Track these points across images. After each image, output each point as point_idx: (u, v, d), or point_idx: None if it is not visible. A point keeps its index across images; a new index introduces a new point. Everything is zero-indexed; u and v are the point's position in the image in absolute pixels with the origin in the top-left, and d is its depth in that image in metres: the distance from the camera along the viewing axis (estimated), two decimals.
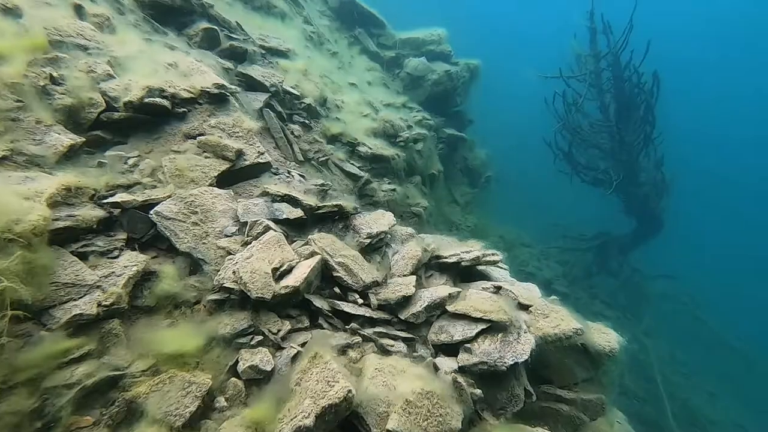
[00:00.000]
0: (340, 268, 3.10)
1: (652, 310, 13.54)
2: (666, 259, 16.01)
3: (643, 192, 13.89)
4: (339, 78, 9.05)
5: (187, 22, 5.80)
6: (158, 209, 2.98)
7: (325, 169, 6.43)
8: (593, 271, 15.97)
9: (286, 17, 9.67)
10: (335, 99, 8.05)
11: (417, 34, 13.17)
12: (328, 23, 12.44)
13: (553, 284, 14.37)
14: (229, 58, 6.08)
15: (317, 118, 7.08)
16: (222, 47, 6.01)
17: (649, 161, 14.01)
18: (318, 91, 7.41)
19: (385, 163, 7.29)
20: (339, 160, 6.75)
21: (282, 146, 6.00)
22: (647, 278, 14.61)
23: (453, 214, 12.45)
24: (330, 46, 10.76)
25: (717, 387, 12.14)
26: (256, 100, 5.95)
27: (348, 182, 6.63)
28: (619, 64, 13.46)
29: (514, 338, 2.75)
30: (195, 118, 3.86)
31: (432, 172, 9.73)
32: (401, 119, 8.52)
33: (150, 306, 2.53)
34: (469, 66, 13.63)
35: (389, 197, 6.82)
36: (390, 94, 10.85)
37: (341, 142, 7.21)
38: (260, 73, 6.34)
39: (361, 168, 7.00)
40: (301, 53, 8.49)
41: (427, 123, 9.79)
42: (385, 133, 7.91)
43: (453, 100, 13.39)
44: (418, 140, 8.70)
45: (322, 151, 6.48)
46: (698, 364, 12.66)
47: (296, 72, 7.37)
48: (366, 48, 12.61)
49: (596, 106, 15.15)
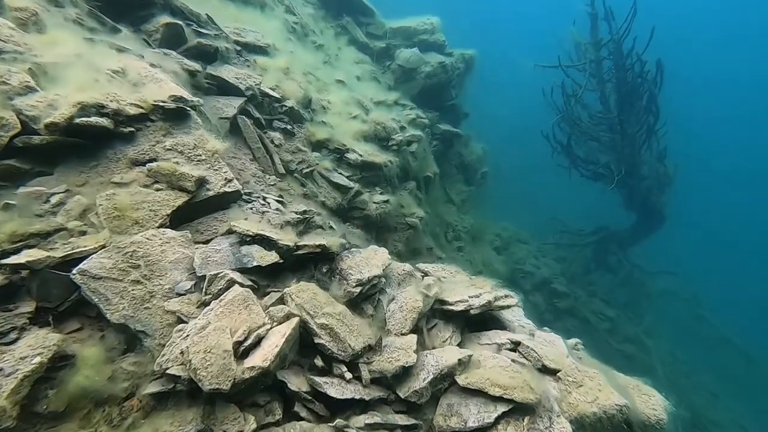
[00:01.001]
0: (323, 333, 2.49)
1: (653, 308, 13.25)
2: (667, 254, 15.71)
3: (645, 186, 13.43)
4: (325, 74, 8.27)
5: (146, 17, 5.00)
6: (84, 267, 2.32)
7: (309, 181, 5.76)
8: (592, 267, 15.62)
9: (266, 7, 8.80)
10: (321, 99, 7.31)
11: (409, 23, 12.33)
12: (313, 11, 11.54)
13: (552, 283, 13.98)
14: (197, 58, 5.31)
15: (301, 123, 6.36)
16: (188, 45, 5.22)
17: (651, 154, 13.51)
18: (301, 91, 6.67)
19: (376, 170, 6.63)
20: (325, 170, 6.08)
21: (260, 158, 5.31)
22: (648, 274, 14.29)
23: (449, 215, 11.87)
24: (315, 37, 9.92)
25: (718, 386, 11.97)
26: (228, 106, 5.22)
27: (336, 195, 5.97)
28: (621, 52, 12.80)
29: (545, 425, 2.19)
30: (146, 140, 3.16)
31: (427, 175, 9.09)
32: (393, 120, 7.82)
33: (57, 411, 1.89)
34: (464, 56, 12.86)
35: (382, 210, 6.19)
36: (381, 89, 10.09)
37: (328, 149, 6.51)
38: (234, 74, 5.58)
39: (351, 177, 6.34)
40: (282, 48, 7.69)
41: (422, 122, 9.10)
42: (377, 137, 7.22)
43: (448, 94, 12.67)
44: (412, 142, 8.03)
45: (306, 162, 5.79)
46: (699, 363, 12.46)
47: (276, 71, 6.60)
48: (354, 38, 11.76)
49: (596, 97, 14.55)
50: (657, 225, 14.41)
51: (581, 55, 14.68)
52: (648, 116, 12.76)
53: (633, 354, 11.39)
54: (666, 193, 13.59)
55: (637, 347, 11.81)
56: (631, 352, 11.51)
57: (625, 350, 11.64)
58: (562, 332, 12.83)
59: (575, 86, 14.24)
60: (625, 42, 12.87)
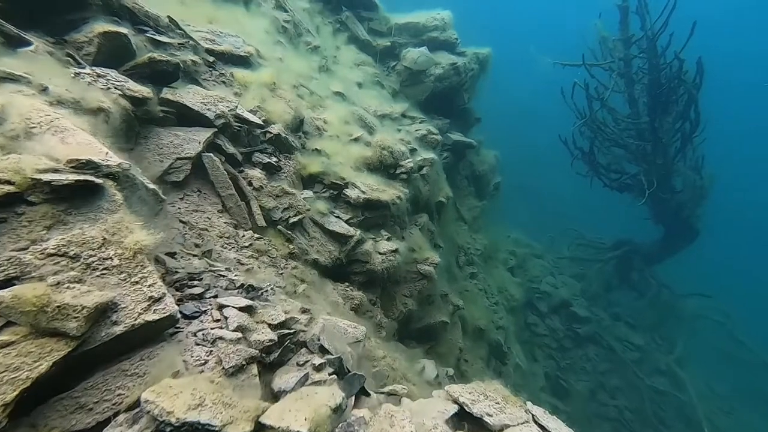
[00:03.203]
0: None
1: (685, 333, 12.08)
2: (698, 272, 14.44)
3: (678, 200, 12.13)
4: (320, 85, 7.00)
5: (75, 22, 3.74)
6: None
7: (298, 233, 4.56)
8: (614, 284, 14.44)
9: (250, 2, 7.49)
10: (315, 118, 6.07)
11: (416, 18, 10.94)
12: (308, 5, 10.18)
13: (571, 305, 12.83)
14: (150, 78, 4.07)
15: (289, 153, 5.14)
16: (137, 61, 3.97)
17: (685, 164, 12.18)
18: (290, 111, 5.42)
19: (382, 210, 5.42)
20: (319, 215, 4.87)
21: (233, 208, 4.11)
22: (678, 296, 13.08)
23: (460, 236, 10.67)
24: (309, 37, 8.60)
25: (763, 424, 10.85)
26: (191, 141, 4.01)
27: (332, 246, 4.78)
28: (656, 49, 11.38)
29: None
30: (10, 240, 1.97)
31: (440, 200, 7.86)
32: (402, 141, 6.57)
33: None
34: (478, 56, 11.47)
35: (389, 263, 4.99)
36: (385, 99, 8.81)
37: (323, 184, 5.30)
38: (201, 98, 4.34)
39: (351, 221, 5.13)
40: (269, 54, 6.41)
41: (433, 138, 7.83)
42: (383, 164, 5.99)
43: (459, 98, 11.33)
44: (423, 167, 6.79)
45: (294, 207, 4.58)
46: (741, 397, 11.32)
47: (260, 87, 5.35)
48: (354, 36, 10.43)
49: (624, 100, 13.16)
50: (688, 240, 13.15)
51: (607, 53, 13.25)
52: (684, 122, 11.39)
53: (666, 390, 10.27)
54: (700, 207, 12.29)
55: (670, 381, 10.69)
56: (664, 387, 10.39)
57: (656, 385, 10.52)
58: (585, 362, 11.58)
59: (600, 87, 12.86)
60: (660, 38, 11.45)
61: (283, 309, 2.78)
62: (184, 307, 2.28)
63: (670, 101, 11.37)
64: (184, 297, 2.44)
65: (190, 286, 2.57)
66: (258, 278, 3.21)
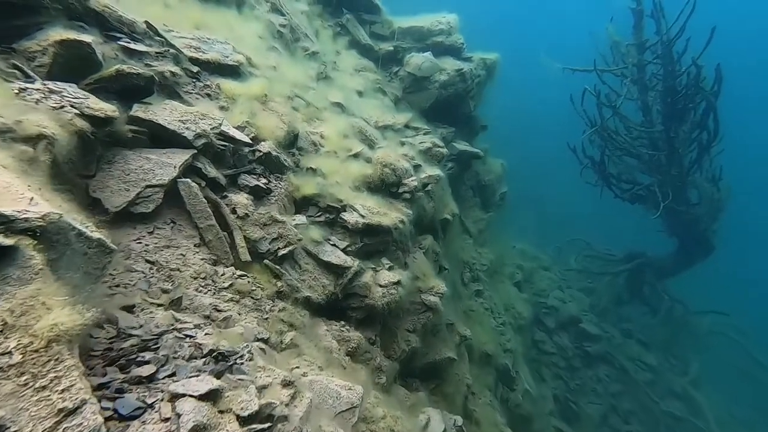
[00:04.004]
0: None
1: (700, 352, 11.49)
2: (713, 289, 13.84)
3: (694, 212, 11.56)
4: (318, 96, 6.50)
5: (28, 28, 3.24)
6: None
7: (288, 266, 4.05)
8: (624, 299, 13.86)
9: (244, 5, 7.01)
10: (311, 132, 5.56)
11: (421, 22, 10.44)
12: (307, 8, 9.70)
13: (580, 322, 12.27)
14: (119, 94, 3.57)
15: (280, 173, 4.63)
16: (102, 74, 3.47)
17: (702, 175, 11.62)
18: (283, 127, 4.92)
19: (383, 235, 4.90)
20: (313, 244, 4.35)
21: (212, 241, 3.60)
22: (692, 313, 12.49)
23: (465, 251, 10.15)
24: (307, 42, 8.11)
25: None
26: (164, 165, 3.50)
27: (326, 280, 4.26)
28: (672, 55, 10.83)
29: None
30: None
31: (445, 217, 7.34)
32: (405, 157, 6.06)
33: None
34: (485, 62, 10.96)
35: (391, 297, 4.47)
36: (387, 108, 8.30)
37: (318, 207, 4.79)
38: (179, 115, 3.83)
39: (349, 248, 4.61)
40: (262, 62, 5.92)
41: (438, 152, 7.31)
42: (384, 183, 5.47)
43: (465, 106, 10.81)
44: (428, 184, 6.27)
45: (285, 237, 4.06)
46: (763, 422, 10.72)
47: (249, 100, 4.85)
48: (355, 40, 9.93)
49: (636, 107, 12.62)
50: (703, 254, 12.56)
51: (619, 58, 12.73)
52: (702, 132, 10.83)
53: (682, 416, 9.69)
54: (717, 220, 11.71)
55: (686, 405, 10.11)
56: (680, 412, 9.82)
57: (672, 409, 9.94)
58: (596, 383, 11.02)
59: (612, 94, 12.33)
60: (676, 44, 10.91)
61: (261, 384, 2.26)
62: (121, 402, 1.76)
63: (687, 109, 10.81)
64: (128, 381, 1.92)
65: (139, 362, 2.05)
66: (233, 335, 2.70)
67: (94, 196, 3.05)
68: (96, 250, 2.09)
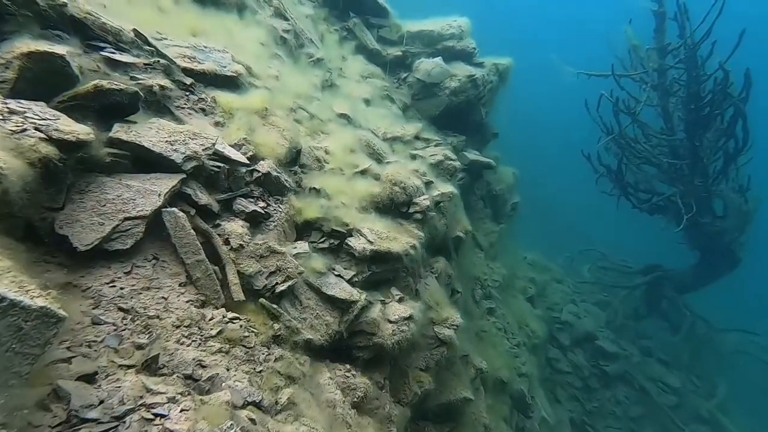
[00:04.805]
0: None
1: (727, 373, 10.83)
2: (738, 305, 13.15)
3: (720, 225, 10.94)
4: (322, 106, 6.07)
5: None
6: None
7: (287, 304, 3.60)
8: (642, 313, 13.23)
9: (245, 9, 6.61)
10: (315, 147, 5.13)
11: (431, 26, 9.99)
12: (313, 11, 9.32)
13: (597, 339, 11.67)
14: (98, 112, 3.17)
15: (281, 195, 4.20)
16: (77, 91, 3.06)
17: (727, 185, 11.00)
18: (285, 143, 4.49)
19: (393, 263, 4.44)
20: (315, 275, 3.91)
21: (200, 279, 3.16)
22: (717, 331, 11.83)
23: (477, 266, 9.65)
24: (312, 48, 7.70)
25: None
26: (147, 193, 3.08)
27: (329, 317, 3.80)
28: (696, 60, 10.25)
29: None
30: None
31: (458, 234, 6.86)
32: (415, 173, 5.59)
33: None
34: (497, 67, 10.48)
35: (402, 335, 4.00)
36: (396, 118, 7.86)
37: (321, 232, 4.35)
38: (166, 135, 3.41)
39: (355, 279, 4.16)
40: (263, 72, 5.51)
41: (450, 165, 6.84)
42: (393, 202, 5.02)
43: (476, 113, 10.31)
44: (441, 202, 5.80)
45: (283, 270, 3.62)
46: None
47: (248, 114, 4.43)
48: (362, 45, 9.53)
49: (656, 113, 12.04)
50: (727, 268, 11.91)
51: (637, 62, 12.16)
52: (728, 140, 10.23)
53: None
54: (744, 233, 11.07)
55: (713, 431, 9.46)
56: None
57: None
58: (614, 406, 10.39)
59: (630, 99, 11.77)
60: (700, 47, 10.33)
61: None
62: None
63: (712, 116, 10.22)
64: None
65: None
66: (217, 407, 2.25)
67: (61, 233, 2.63)
68: (36, 322, 1.66)
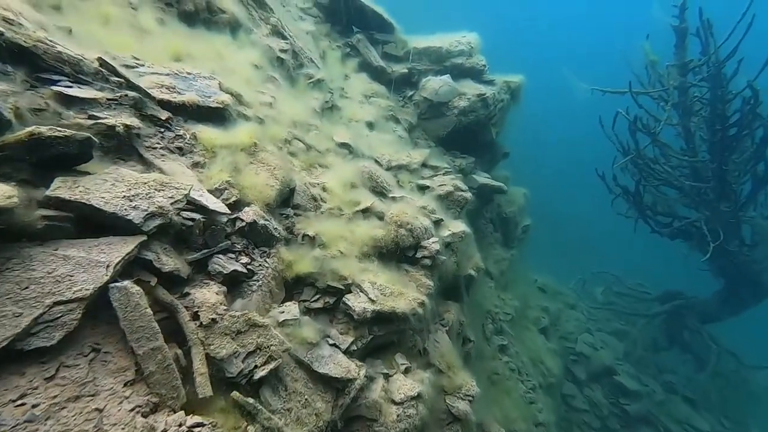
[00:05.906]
0: None
1: (760, 415, 9.99)
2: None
3: (748, 254, 10.19)
4: (321, 135, 5.50)
5: None
6: None
7: (267, 392, 2.96)
8: (662, 345, 12.41)
9: (239, 29, 6.10)
10: (311, 184, 4.54)
11: (438, 42, 9.50)
12: (314, 27, 8.86)
13: (616, 374, 10.86)
14: (37, 165, 2.58)
15: (268, 246, 3.59)
16: (5, 140, 2.48)
17: (756, 210, 10.28)
18: (276, 183, 3.90)
19: (398, 323, 3.80)
20: (306, 347, 3.27)
21: (155, 373, 2.50)
22: (748, 368, 11.01)
23: (487, 299, 8.95)
24: (312, 69, 7.18)
25: None
26: (93, 265, 2.47)
27: (321, 403, 3.16)
28: (721, 77, 9.63)
29: None
30: None
31: (470, 273, 6.20)
32: (423, 211, 4.97)
33: None
34: (509, 85, 9.93)
35: (408, 421, 3.33)
36: (401, 141, 7.29)
37: (315, 289, 3.72)
38: (123, 189, 2.80)
39: (354, 347, 3.52)
40: (254, 99, 4.95)
41: (461, 197, 6.21)
42: (399, 247, 4.40)
43: (486, 133, 9.74)
44: (452, 243, 5.17)
45: (265, 348, 2.98)
46: None
47: (233, 152, 3.85)
48: (366, 62, 9.03)
49: (676, 133, 11.39)
50: (755, 299, 11.11)
51: (654, 79, 11.57)
52: (757, 162, 9.54)
53: None
54: None
55: None
56: None
57: None
58: None
59: (648, 118, 11.14)
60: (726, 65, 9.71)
61: None
62: None
63: (740, 137, 9.55)
64: None
65: None
66: None
67: None
68: None
